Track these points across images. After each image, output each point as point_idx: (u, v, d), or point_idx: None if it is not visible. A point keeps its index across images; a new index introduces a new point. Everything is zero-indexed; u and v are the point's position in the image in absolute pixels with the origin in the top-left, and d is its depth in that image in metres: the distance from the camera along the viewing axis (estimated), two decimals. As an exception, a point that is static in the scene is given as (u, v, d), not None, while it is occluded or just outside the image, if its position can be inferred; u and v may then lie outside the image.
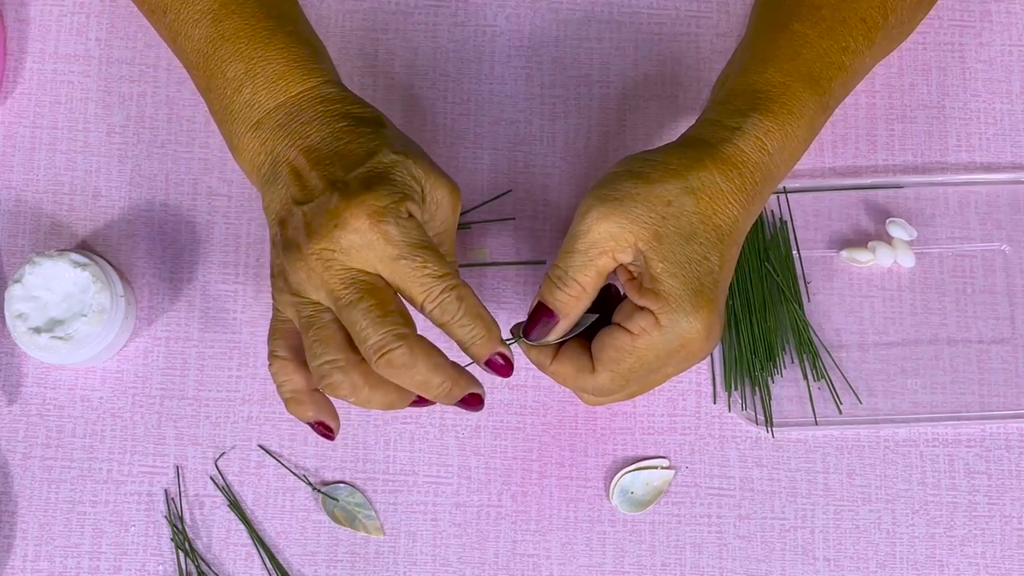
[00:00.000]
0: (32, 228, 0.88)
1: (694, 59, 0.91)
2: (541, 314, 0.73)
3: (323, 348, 0.70)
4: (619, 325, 0.72)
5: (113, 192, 0.89)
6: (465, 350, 0.71)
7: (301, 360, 0.73)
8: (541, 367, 0.76)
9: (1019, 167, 0.90)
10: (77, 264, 0.81)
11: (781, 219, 0.89)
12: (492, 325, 0.70)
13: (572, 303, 0.73)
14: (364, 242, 0.68)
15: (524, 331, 0.74)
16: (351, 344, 0.70)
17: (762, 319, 0.86)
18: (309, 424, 0.74)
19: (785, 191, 0.89)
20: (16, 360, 0.86)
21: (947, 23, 0.92)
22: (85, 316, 0.81)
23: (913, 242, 0.88)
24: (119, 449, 0.85)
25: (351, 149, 0.71)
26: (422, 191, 0.71)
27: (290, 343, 0.73)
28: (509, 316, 0.87)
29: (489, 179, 0.89)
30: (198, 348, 0.87)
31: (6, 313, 0.81)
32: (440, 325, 0.70)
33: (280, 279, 0.71)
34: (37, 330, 0.81)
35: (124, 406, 0.86)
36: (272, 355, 0.73)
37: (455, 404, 0.72)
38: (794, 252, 0.88)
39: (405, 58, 0.91)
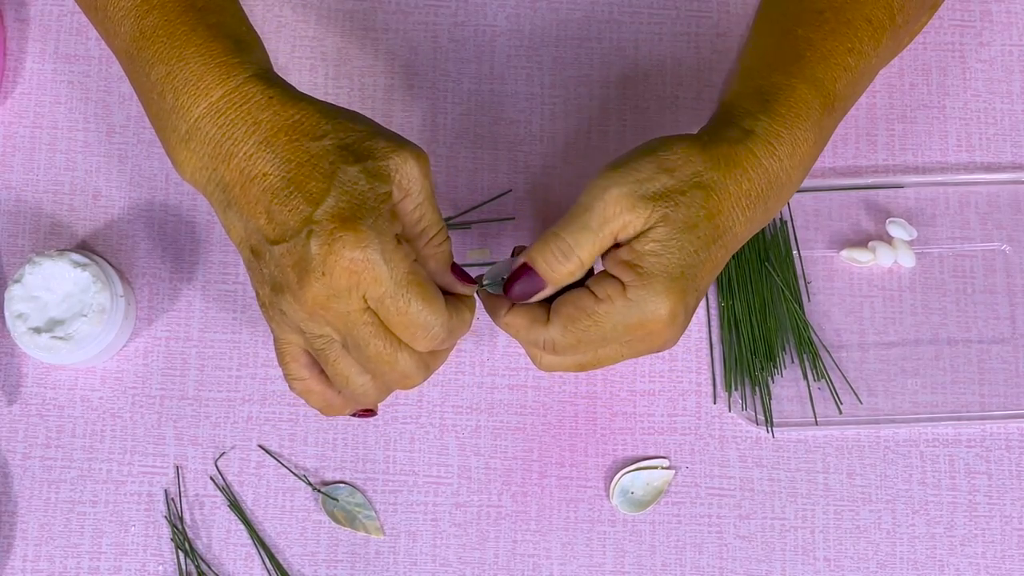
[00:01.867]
0: (32, 228, 0.88)
1: (694, 59, 0.91)
2: (529, 278, 0.72)
3: (349, 373, 0.71)
4: (587, 288, 0.72)
5: (113, 192, 0.89)
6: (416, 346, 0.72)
7: (319, 370, 0.73)
8: (494, 316, 0.74)
9: (1019, 167, 0.90)
10: (77, 264, 0.81)
11: (781, 219, 0.89)
12: (445, 335, 0.71)
13: (567, 277, 0.72)
14: (352, 285, 0.67)
15: (505, 289, 0.73)
16: None
17: (762, 319, 0.86)
18: (353, 416, 0.76)
19: (785, 191, 0.89)
20: (16, 360, 0.86)
21: (947, 23, 0.92)
22: (85, 316, 0.81)
23: (913, 242, 0.88)
24: (119, 449, 0.85)
25: (306, 176, 0.67)
26: (392, 179, 0.68)
27: (303, 361, 0.73)
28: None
29: (489, 179, 0.89)
30: (198, 348, 0.87)
31: (6, 313, 0.81)
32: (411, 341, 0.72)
33: (277, 314, 0.70)
34: (37, 330, 0.81)
35: (124, 406, 0.86)
36: (290, 379, 0.73)
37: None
38: (794, 252, 0.88)
39: (405, 58, 0.91)
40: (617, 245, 0.72)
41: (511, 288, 0.73)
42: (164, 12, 0.71)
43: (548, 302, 0.73)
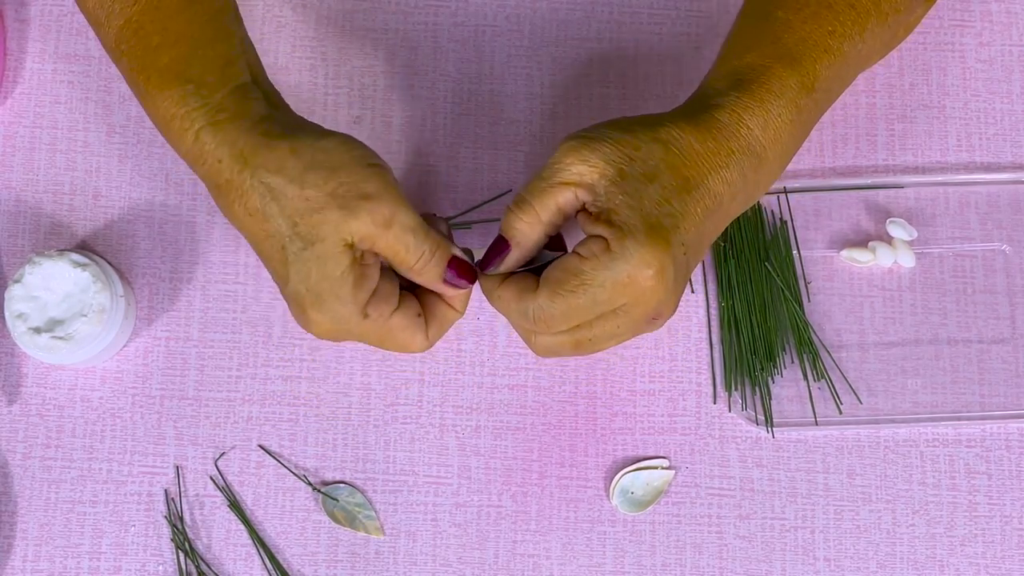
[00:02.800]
0: (32, 228, 0.88)
1: (694, 59, 0.91)
2: (496, 245, 0.74)
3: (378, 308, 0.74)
4: (572, 251, 0.72)
5: (113, 192, 0.89)
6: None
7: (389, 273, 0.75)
8: (488, 294, 0.75)
9: (1019, 167, 0.90)
10: (77, 264, 0.81)
11: (781, 219, 0.89)
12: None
13: (526, 230, 0.73)
14: (335, 340, 0.75)
15: (480, 265, 0.74)
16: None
17: (762, 319, 0.86)
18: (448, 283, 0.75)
19: (785, 191, 0.89)
20: (16, 360, 0.86)
21: (947, 23, 0.92)
22: (85, 316, 0.81)
23: (913, 242, 0.88)
24: (119, 449, 0.85)
25: (268, 255, 0.73)
26: (352, 245, 0.71)
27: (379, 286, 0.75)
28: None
29: (489, 179, 0.89)
30: (198, 348, 0.87)
31: (6, 313, 0.81)
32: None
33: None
34: (37, 330, 0.81)
35: (124, 406, 0.86)
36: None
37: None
38: (794, 252, 0.88)
39: (405, 58, 0.91)
40: (590, 214, 0.72)
41: (486, 264, 0.74)
42: (130, 58, 0.75)
43: (537, 275, 0.74)
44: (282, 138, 0.72)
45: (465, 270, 0.74)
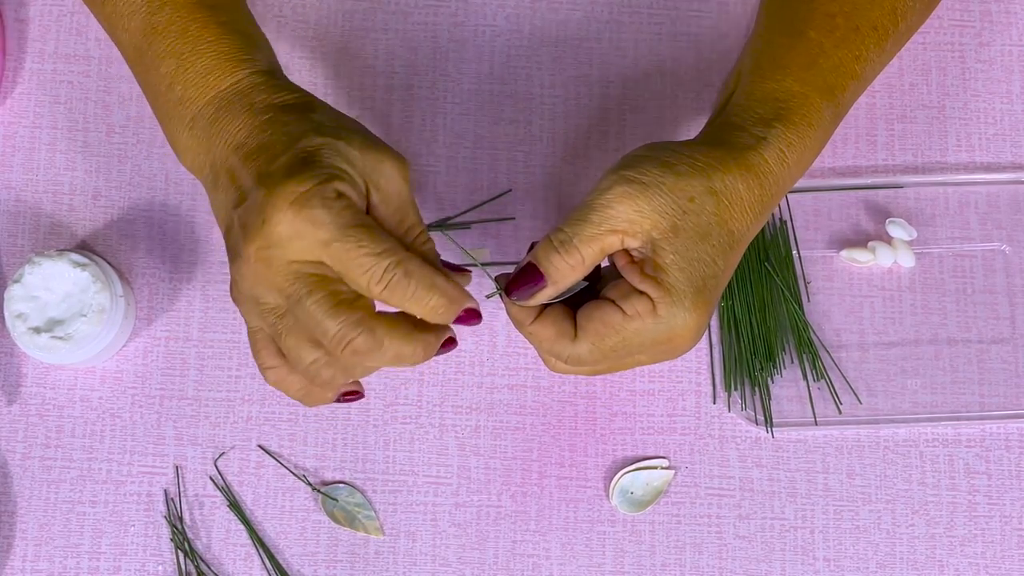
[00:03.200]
0: (32, 228, 0.88)
1: (694, 59, 0.91)
2: (530, 276, 0.71)
3: (300, 348, 0.67)
4: (612, 302, 0.71)
5: (113, 192, 0.89)
6: (428, 320, 0.67)
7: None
8: (519, 325, 0.73)
9: (1019, 167, 0.90)
10: (77, 264, 0.81)
11: (781, 219, 0.89)
12: (450, 289, 0.67)
13: (567, 272, 0.71)
14: (293, 232, 0.65)
15: (507, 289, 0.72)
16: None
17: (762, 319, 0.86)
18: (337, 401, 0.72)
19: (785, 191, 0.89)
20: (16, 360, 0.86)
21: (947, 23, 0.92)
22: (85, 316, 0.81)
23: (913, 242, 0.88)
24: (119, 449, 0.85)
25: (275, 139, 0.68)
26: (358, 171, 0.67)
27: (272, 349, 0.70)
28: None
29: (489, 179, 0.89)
30: (198, 348, 0.87)
31: (6, 313, 0.81)
32: (395, 306, 0.66)
33: (235, 289, 0.69)
34: (37, 330, 0.81)
35: (124, 406, 0.86)
36: (262, 369, 0.71)
37: (437, 354, 0.70)
38: (794, 252, 0.88)
39: (405, 58, 0.91)
40: (634, 259, 0.71)
41: (513, 291, 0.71)
42: (176, 9, 0.73)
43: (574, 308, 0.72)
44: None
45: (474, 319, 0.70)
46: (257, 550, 0.84)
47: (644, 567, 0.84)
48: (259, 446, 0.86)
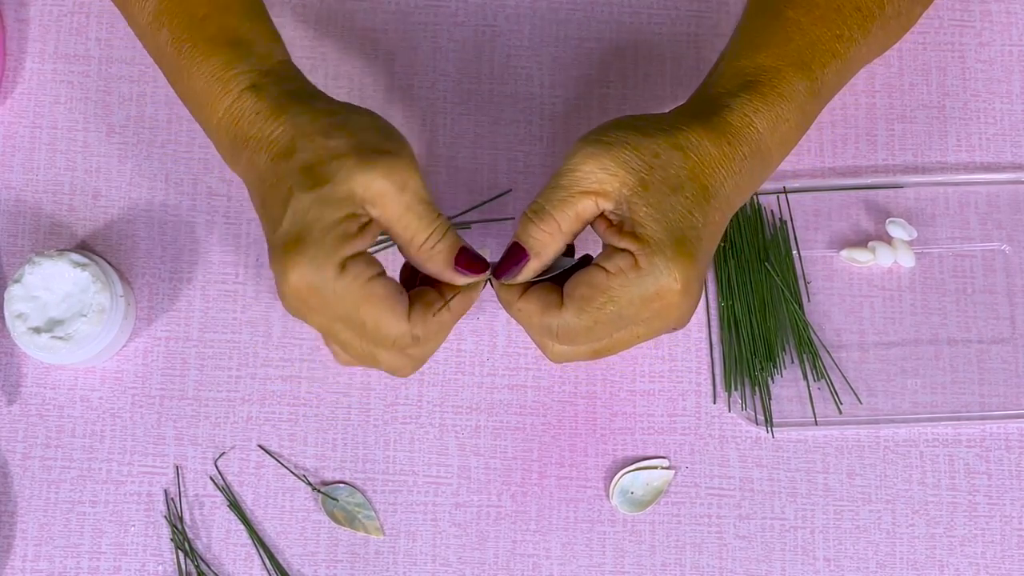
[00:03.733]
0: (32, 228, 0.88)
1: (694, 59, 0.91)
2: (514, 254, 0.72)
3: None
4: (596, 264, 0.71)
5: (113, 192, 0.89)
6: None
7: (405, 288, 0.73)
8: (508, 305, 0.73)
9: (1019, 167, 0.90)
10: (77, 264, 0.81)
11: (781, 219, 0.89)
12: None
13: (546, 240, 0.71)
14: (305, 312, 0.71)
15: (494, 270, 0.72)
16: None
17: (762, 319, 0.86)
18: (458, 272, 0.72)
19: (785, 191, 0.89)
20: (16, 360, 0.86)
21: (947, 23, 0.92)
22: (85, 316, 0.81)
23: (913, 242, 0.88)
24: (119, 449, 0.85)
25: (271, 198, 0.70)
26: (355, 200, 0.69)
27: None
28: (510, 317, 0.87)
29: (489, 179, 0.89)
30: (198, 348, 0.87)
31: (6, 313, 0.81)
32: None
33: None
34: (37, 330, 0.81)
35: (124, 406, 0.86)
36: (336, 357, 0.75)
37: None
38: (794, 252, 0.88)
39: (405, 58, 0.91)
40: (611, 223, 0.71)
41: (500, 272, 0.72)
42: (171, 28, 0.75)
43: (560, 285, 0.72)
44: (321, 99, 0.73)
45: (475, 260, 0.72)
46: (257, 550, 0.84)
47: (644, 567, 0.84)
48: (259, 446, 0.86)
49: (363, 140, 0.70)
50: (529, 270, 0.72)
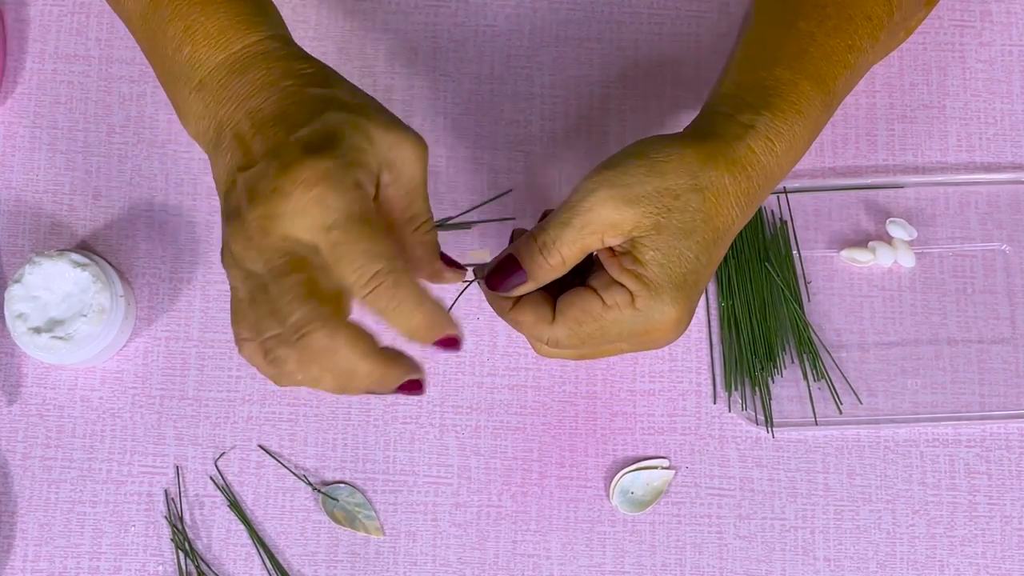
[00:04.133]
0: (32, 228, 0.88)
1: (694, 59, 0.91)
2: (511, 269, 0.72)
3: (262, 321, 0.64)
4: (594, 290, 0.71)
5: (113, 192, 0.89)
6: (407, 338, 0.65)
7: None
8: (498, 311, 0.74)
9: (1019, 167, 0.90)
10: (77, 264, 0.81)
11: (781, 219, 0.89)
12: (437, 313, 0.64)
13: (548, 272, 0.72)
14: (299, 208, 0.63)
15: (488, 282, 0.72)
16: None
17: (762, 319, 0.86)
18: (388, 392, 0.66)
19: (785, 191, 0.89)
20: (16, 360, 0.86)
21: (947, 23, 0.92)
22: (85, 316, 0.81)
23: (913, 242, 0.88)
24: (119, 449, 0.85)
25: (295, 110, 0.66)
26: (375, 152, 0.66)
27: (253, 320, 0.66)
28: (509, 316, 0.87)
29: (489, 179, 0.89)
30: (198, 348, 0.87)
31: (6, 313, 0.81)
32: (375, 313, 0.63)
33: (226, 251, 0.66)
34: (37, 330, 0.81)
35: (124, 406, 0.86)
36: (238, 340, 0.66)
37: (394, 392, 0.66)
38: (794, 252, 0.88)
39: (405, 58, 0.91)
40: (615, 252, 0.71)
41: (495, 284, 0.72)
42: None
43: (553, 295, 0.73)
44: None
45: (455, 262, 0.71)
46: (257, 550, 0.84)
47: (644, 567, 0.84)
48: (259, 446, 0.86)
49: (391, 114, 0.69)
50: (523, 290, 0.72)
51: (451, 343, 0.65)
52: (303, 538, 0.84)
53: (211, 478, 0.85)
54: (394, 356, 0.65)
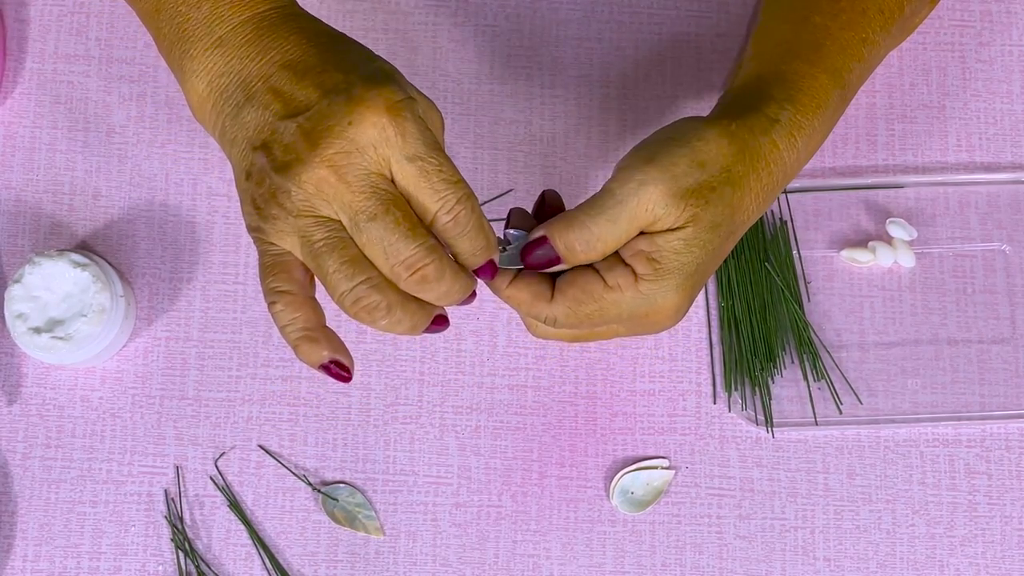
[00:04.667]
0: (32, 228, 0.88)
1: (694, 59, 0.91)
2: (546, 250, 0.69)
3: (354, 268, 0.64)
4: (596, 271, 0.70)
5: (113, 192, 0.89)
6: (462, 259, 0.67)
7: (308, 294, 0.67)
8: (496, 290, 0.72)
9: (1019, 167, 0.90)
10: (77, 264, 0.81)
11: (781, 219, 0.89)
12: (491, 235, 0.68)
13: (583, 262, 0.70)
14: (383, 138, 0.63)
15: (523, 257, 0.70)
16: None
17: (762, 319, 0.86)
18: (323, 368, 0.67)
19: (785, 191, 0.89)
20: (16, 360, 0.86)
21: (947, 23, 0.92)
22: (85, 316, 0.81)
23: (913, 242, 0.88)
24: (119, 449, 0.85)
25: (340, 58, 0.66)
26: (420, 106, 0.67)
27: (292, 276, 0.67)
28: (509, 314, 0.87)
29: (489, 179, 0.89)
30: (198, 348, 0.87)
31: (6, 313, 0.81)
32: (447, 238, 0.66)
33: (273, 206, 0.65)
34: (37, 330, 0.81)
35: (124, 406, 0.86)
36: (274, 292, 0.66)
37: (431, 328, 0.69)
38: (794, 252, 0.88)
39: (405, 58, 0.91)
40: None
41: (528, 256, 0.70)
42: None
43: (552, 275, 0.71)
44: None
45: (492, 272, 0.70)
46: (257, 550, 0.84)
47: (644, 567, 0.84)
48: (259, 446, 0.86)
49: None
50: (554, 269, 0.71)
51: (489, 270, 0.69)
52: (303, 538, 0.84)
53: (211, 478, 0.85)
54: (464, 270, 0.68)
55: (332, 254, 0.65)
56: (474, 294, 0.69)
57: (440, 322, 0.69)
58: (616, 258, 0.70)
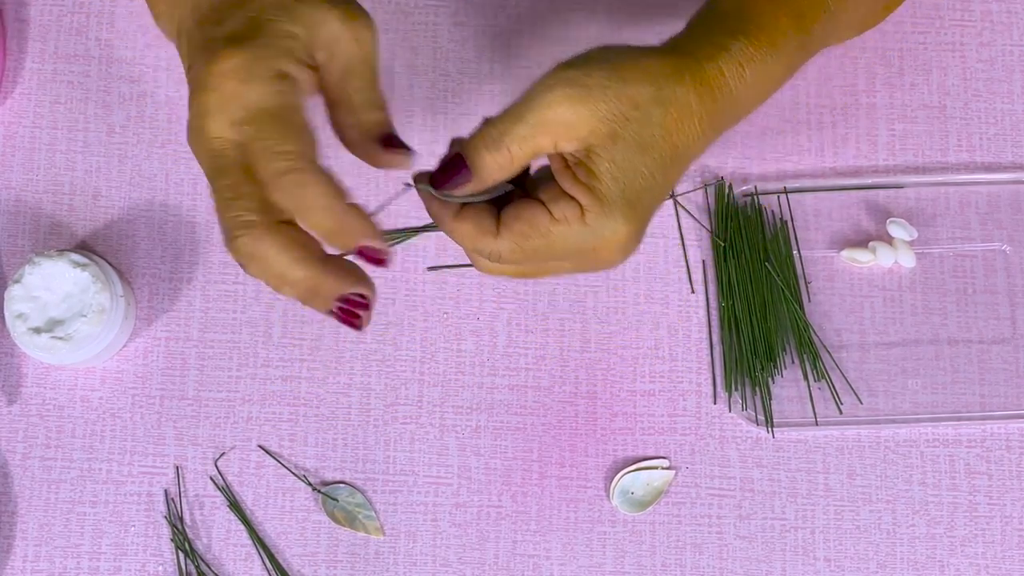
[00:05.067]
0: (32, 228, 0.88)
1: (694, 59, 0.91)
2: (456, 168, 0.67)
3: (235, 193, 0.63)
4: (541, 203, 0.68)
5: (113, 192, 0.89)
6: (326, 243, 0.63)
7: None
8: (439, 221, 0.69)
9: (1020, 167, 0.90)
10: (77, 264, 0.81)
11: (781, 219, 0.88)
12: (345, 216, 0.62)
13: (494, 171, 0.67)
14: (218, 104, 0.62)
15: (432, 180, 0.68)
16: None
17: (762, 319, 0.86)
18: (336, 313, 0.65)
19: (785, 191, 0.89)
20: (16, 360, 0.86)
21: (948, 23, 0.92)
22: (85, 316, 0.81)
23: (914, 242, 0.88)
24: (119, 449, 0.85)
25: (227, 3, 0.65)
26: (309, 36, 0.64)
27: (252, 204, 0.64)
28: (509, 314, 0.87)
29: (489, 179, 0.89)
30: (198, 348, 0.87)
31: (6, 313, 0.81)
32: (290, 213, 0.63)
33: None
34: (37, 330, 0.81)
35: (124, 406, 0.86)
36: (236, 226, 0.63)
37: (335, 313, 0.64)
38: (794, 252, 0.88)
39: (405, 58, 0.91)
40: (568, 163, 0.68)
41: (439, 182, 0.67)
42: None
43: (498, 207, 0.69)
44: None
45: (403, 145, 0.67)
46: (257, 550, 0.84)
47: (644, 567, 0.84)
48: (259, 446, 0.86)
49: None
50: (467, 190, 0.68)
51: (372, 255, 0.64)
52: (303, 538, 0.84)
53: (211, 478, 0.85)
54: (334, 268, 0.63)
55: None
56: (366, 305, 0.64)
57: (348, 314, 0.65)
58: (560, 191, 0.68)
